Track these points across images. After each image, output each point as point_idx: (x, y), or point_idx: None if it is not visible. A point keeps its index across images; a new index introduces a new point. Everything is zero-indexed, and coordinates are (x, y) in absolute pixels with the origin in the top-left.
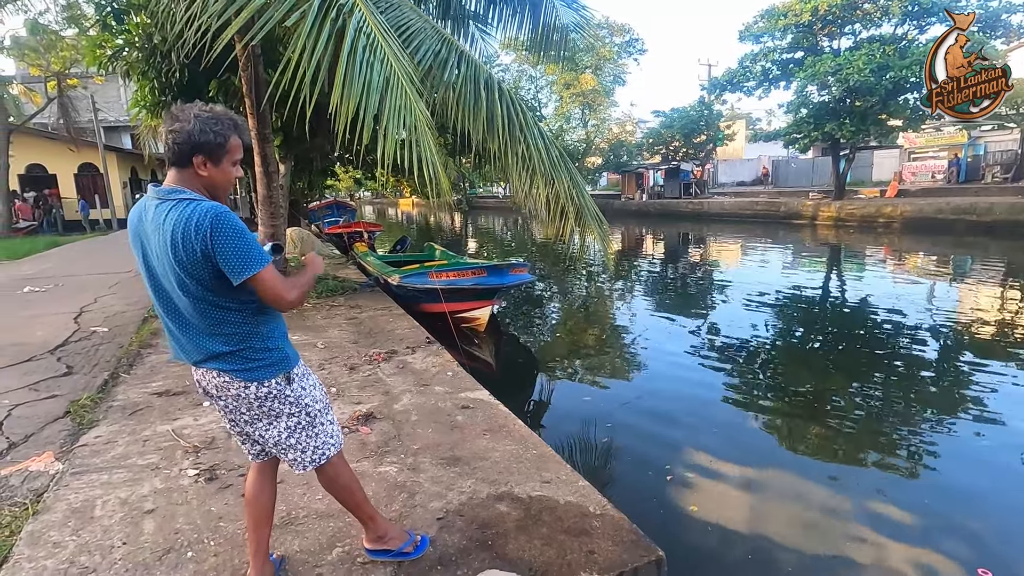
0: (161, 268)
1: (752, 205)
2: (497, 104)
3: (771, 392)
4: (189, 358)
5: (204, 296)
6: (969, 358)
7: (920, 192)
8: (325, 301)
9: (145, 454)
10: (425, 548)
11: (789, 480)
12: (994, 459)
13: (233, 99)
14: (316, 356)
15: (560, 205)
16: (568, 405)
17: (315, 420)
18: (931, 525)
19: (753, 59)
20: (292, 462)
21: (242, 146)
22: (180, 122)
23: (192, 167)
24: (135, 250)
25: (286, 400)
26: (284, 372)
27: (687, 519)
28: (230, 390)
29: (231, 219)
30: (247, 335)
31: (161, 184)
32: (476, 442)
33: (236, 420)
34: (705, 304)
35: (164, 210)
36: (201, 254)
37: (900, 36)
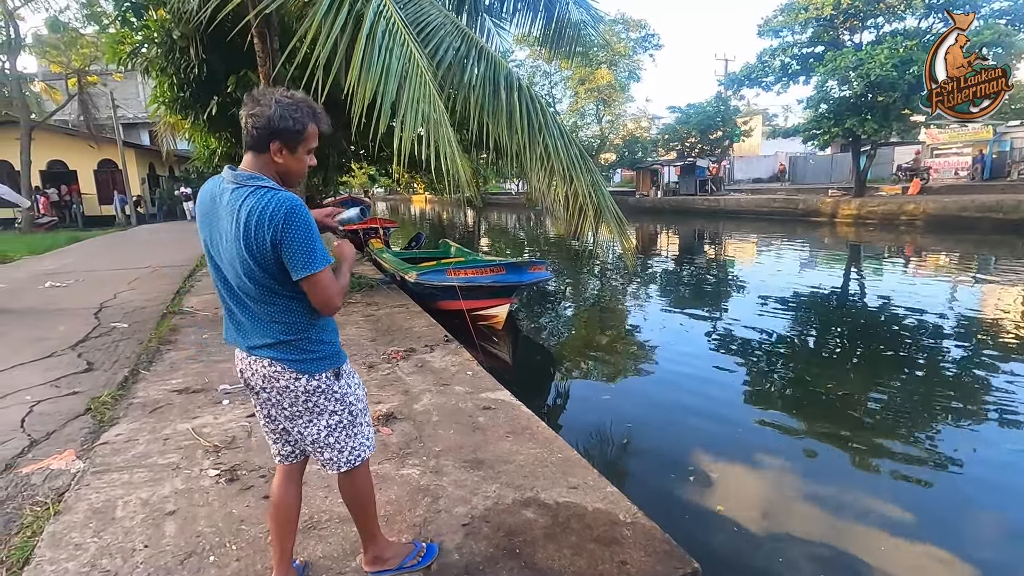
0: (229, 252)
1: (769, 202)
2: (516, 102)
3: (791, 392)
4: (244, 342)
5: (269, 284)
6: (993, 360)
7: (944, 189)
8: None
9: (166, 453)
10: (432, 557)
11: (813, 482)
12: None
13: None
14: None
15: (579, 203)
16: (586, 404)
17: (356, 420)
18: (954, 528)
19: (772, 54)
20: (327, 462)
21: (318, 134)
22: (261, 106)
23: (269, 153)
24: (202, 230)
25: (332, 396)
26: (335, 367)
27: (714, 523)
28: (279, 381)
29: (305, 214)
30: (305, 326)
31: (236, 168)
32: (499, 444)
33: (276, 416)
34: (722, 302)
35: (241, 196)
36: (271, 244)
37: (924, 30)
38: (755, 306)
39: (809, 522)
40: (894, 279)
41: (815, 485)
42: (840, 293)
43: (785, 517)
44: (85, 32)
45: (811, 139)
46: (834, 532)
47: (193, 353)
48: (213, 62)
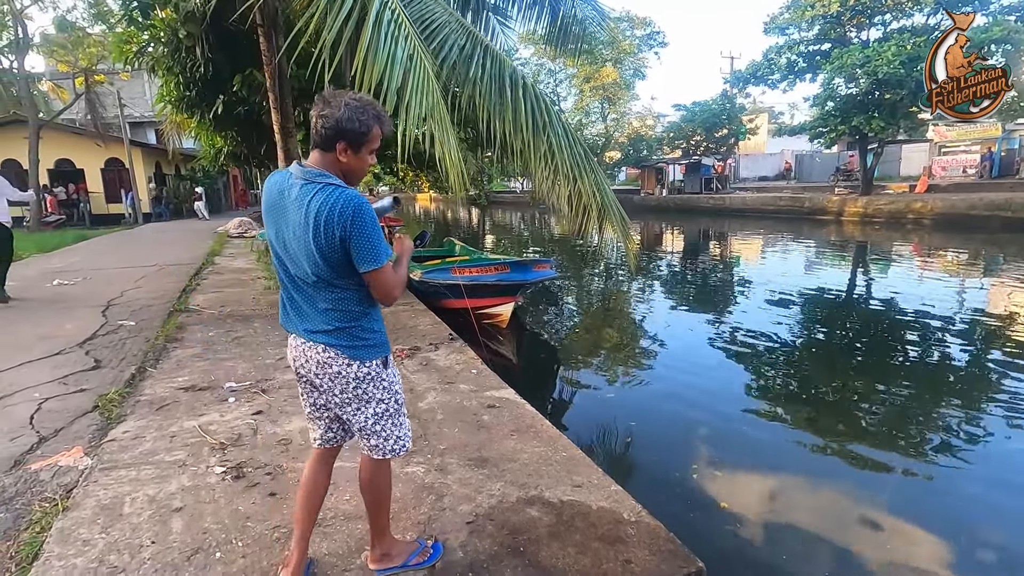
0: (296, 243)
1: (775, 200)
2: (521, 101)
3: (796, 391)
4: (302, 327)
5: (330, 276)
6: (1000, 359)
7: (951, 187)
8: None
9: (172, 450)
10: (437, 556)
11: (817, 479)
12: None
13: (256, 93)
14: None
15: (583, 203)
16: (591, 402)
17: (400, 409)
18: (958, 526)
19: (778, 51)
20: (373, 448)
21: (381, 136)
22: (331, 108)
23: (334, 152)
24: (268, 220)
25: (380, 384)
26: (383, 355)
27: (718, 521)
28: (332, 367)
29: (370, 212)
30: (359, 315)
31: (303, 164)
32: (504, 443)
33: (327, 402)
34: (727, 301)
35: (310, 191)
36: (339, 239)
37: (932, 26)
38: (761, 305)
39: (812, 519)
40: (900, 278)
41: (819, 483)
42: (846, 292)
43: (789, 515)
44: (92, 31)
45: (818, 137)
46: (838, 530)
47: (199, 351)
48: (219, 61)
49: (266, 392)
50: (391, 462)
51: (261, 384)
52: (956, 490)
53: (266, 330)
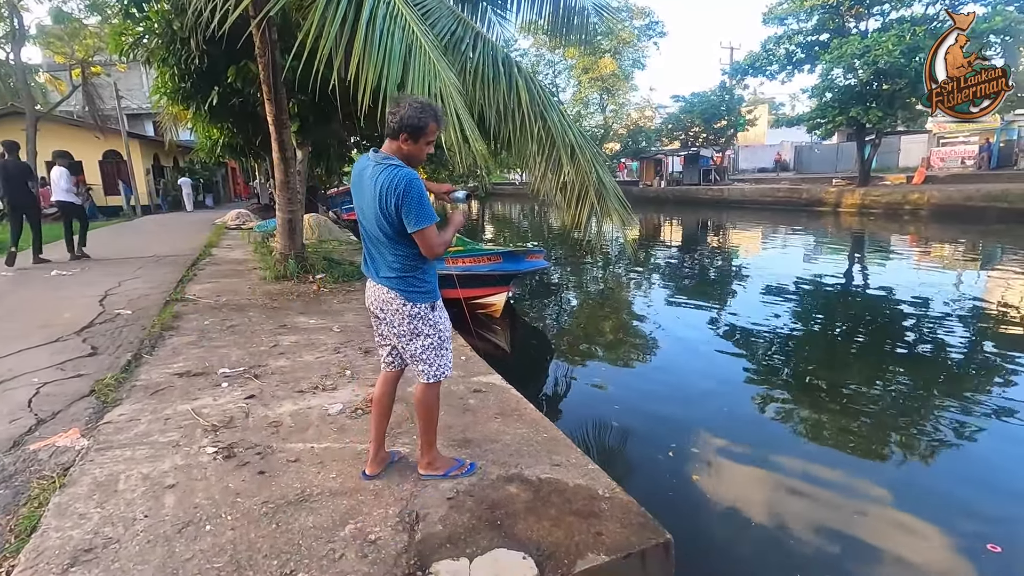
0: (369, 210)
1: (773, 192)
2: (516, 83)
3: (788, 379)
4: (375, 273)
5: (391, 236)
6: (995, 350)
7: (949, 178)
8: (342, 286)
9: (166, 432)
10: (474, 470)
11: (800, 464)
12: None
13: (251, 85)
14: (332, 340)
15: (581, 187)
16: (581, 389)
17: (443, 344)
18: (945, 507)
19: (777, 42)
20: (421, 372)
21: (437, 130)
22: (399, 108)
23: (399, 140)
24: (354, 193)
25: (428, 321)
26: (431, 301)
27: (695, 501)
28: (392, 305)
29: (419, 185)
30: (412, 268)
31: (379, 151)
32: (487, 425)
33: (388, 333)
34: (723, 292)
35: (379, 171)
36: (394, 207)
37: (931, 16)
38: (758, 296)
39: (790, 504)
40: (897, 269)
41: (802, 469)
42: (843, 283)
43: (767, 498)
44: (88, 22)
45: (816, 128)
46: (816, 512)
47: (194, 339)
48: (213, 53)
49: (259, 378)
50: (437, 387)
51: (254, 370)
52: (950, 477)
53: (260, 319)
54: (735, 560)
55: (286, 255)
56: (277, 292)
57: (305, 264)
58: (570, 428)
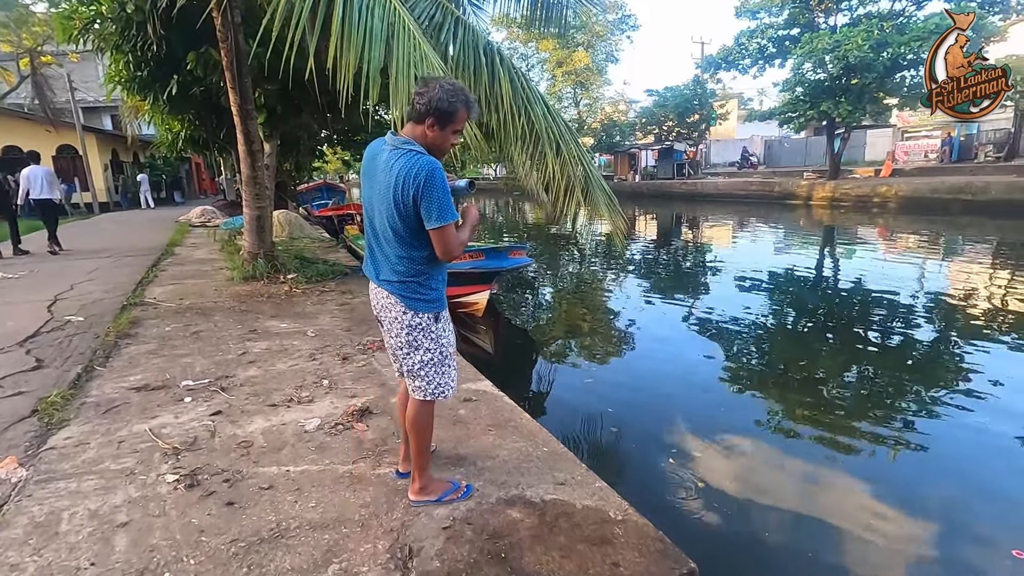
0: (380, 201)
1: (746, 185)
2: (499, 72)
3: (769, 372)
4: (376, 274)
5: (402, 232)
6: (961, 338)
7: (915, 171)
8: (315, 286)
9: (120, 457)
10: (471, 492)
11: (796, 461)
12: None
13: (213, 73)
14: (307, 345)
15: (566, 179)
16: (569, 390)
17: (444, 360)
18: (922, 499)
19: (749, 36)
20: (415, 389)
21: (466, 119)
22: (427, 88)
23: (423, 125)
24: (363, 181)
25: (429, 335)
26: (435, 311)
27: (706, 514)
28: (391, 312)
29: (441, 176)
30: (418, 272)
31: (396, 134)
32: (481, 439)
33: (390, 341)
34: (701, 286)
35: (395, 156)
36: (412, 198)
37: (898, 12)
38: (734, 289)
39: (794, 501)
40: (867, 260)
41: (798, 464)
42: (814, 275)
43: (767, 497)
44: (37, 9)
45: (787, 122)
46: (815, 509)
47: (154, 347)
48: (172, 38)
49: (226, 390)
50: (432, 405)
51: (221, 382)
52: (922, 462)
53: (228, 324)
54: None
55: (255, 254)
56: (246, 294)
57: (275, 263)
58: (565, 436)
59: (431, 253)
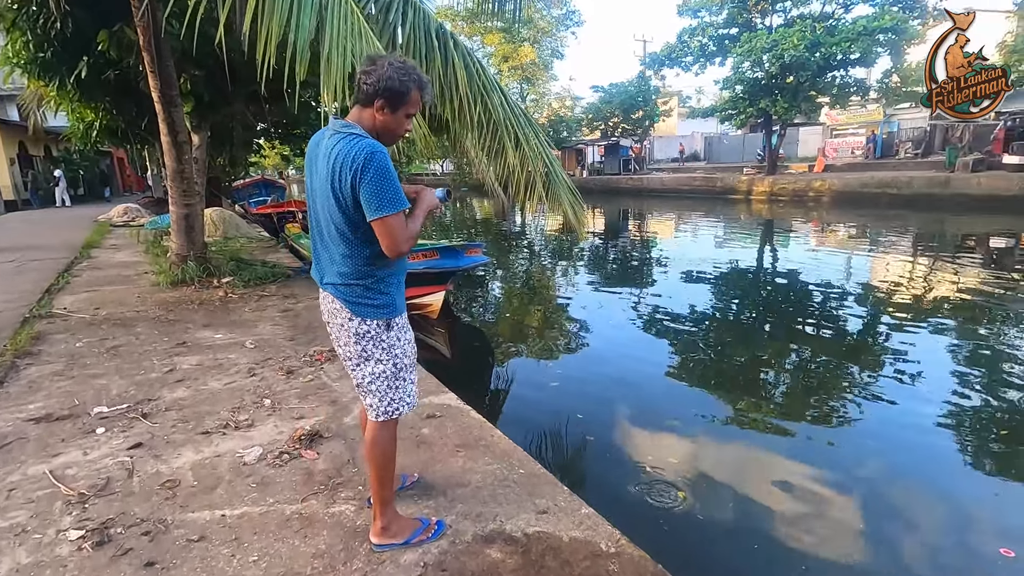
0: (319, 192)
1: (690, 181)
2: (453, 57)
3: (721, 362)
4: (320, 276)
5: (344, 227)
6: (885, 323)
7: (844, 167)
8: (253, 291)
9: (8, 511)
10: (442, 530)
11: (766, 455)
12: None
13: (128, 54)
14: (245, 358)
15: (528, 176)
16: (534, 395)
17: (399, 373)
18: (851, 480)
19: (691, 34)
20: (369, 408)
21: (420, 103)
22: (375, 66)
23: (372, 108)
24: (307, 173)
25: (380, 344)
26: (386, 317)
27: (696, 531)
28: (338, 318)
29: (383, 160)
30: (364, 273)
31: (339, 118)
32: (449, 462)
33: (339, 352)
34: (651, 279)
35: (335, 141)
36: (350, 186)
37: (828, 14)
38: (682, 282)
39: (773, 501)
40: (803, 252)
41: (769, 458)
42: (756, 267)
43: (751, 503)
44: None
45: (728, 119)
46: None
47: (61, 368)
48: (79, 15)
49: (148, 417)
50: (393, 427)
51: (142, 406)
52: (858, 442)
53: (153, 336)
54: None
55: (184, 256)
56: (174, 301)
57: (208, 266)
58: (538, 449)
59: (378, 251)
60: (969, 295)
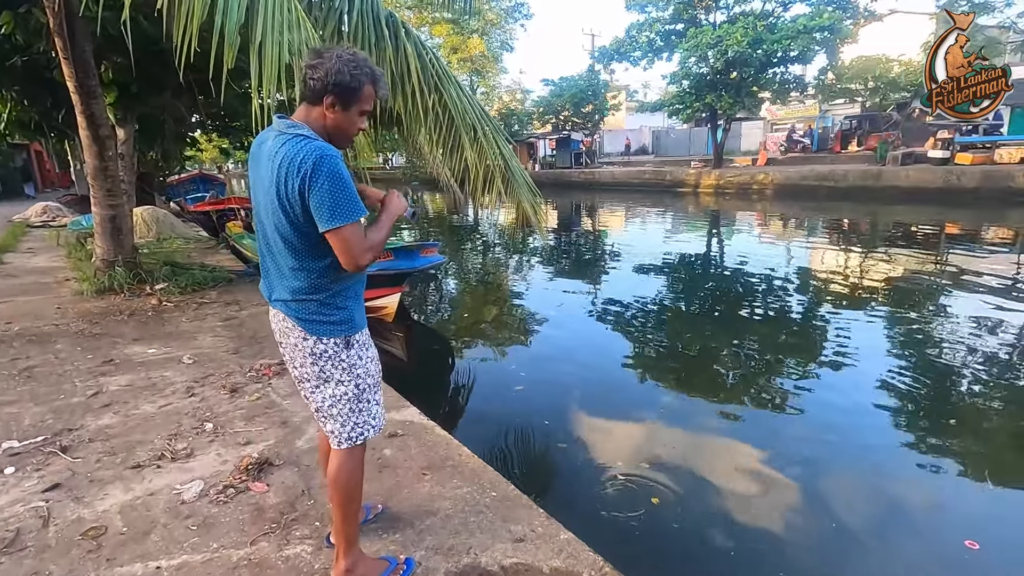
0: (263, 199)
1: (641, 174)
2: (405, 46)
3: (679, 356)
4: (268, 292)
5: (290, 236)
6: (826, 310)
7: (787, 160)
8: (191, 298)
9: None
10: (412, 569)
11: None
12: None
13: (38, 38)
14: (183, 376)
15: (486, 172)
16: (496, 399)
17: (362, 395)
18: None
19: (639, 29)
20: (329, 434)
21: (374, 99)
22: (322, 59)
23: (321, 106)
24: (250, 176)
25: (339, 365)
26: (345, 335)
27: (668, 541)
28: (291, 337)
29: (335, 164)
30: (318, 287)
31: (286, 117)
32: (416, 488)
33: (294, 373)
34: (605, 272)
35: (280, 143)
36: (298, 193)
37: (768, 12)
38: (634, 274)
39: (742, 500)
40: (748, 243)
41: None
42: (705, 259)
43: (715, 497)
44: None
45: (676, 113)
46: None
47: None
48: None
49: (68, 451)
50: (360, 455)
51: (61, 438)
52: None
53: (74, 353)
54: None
55: (110, 261)
56: (100, 312)
57: (139, 271)
58: (506, 464)
59: (333, 262)
60: (899, 281)
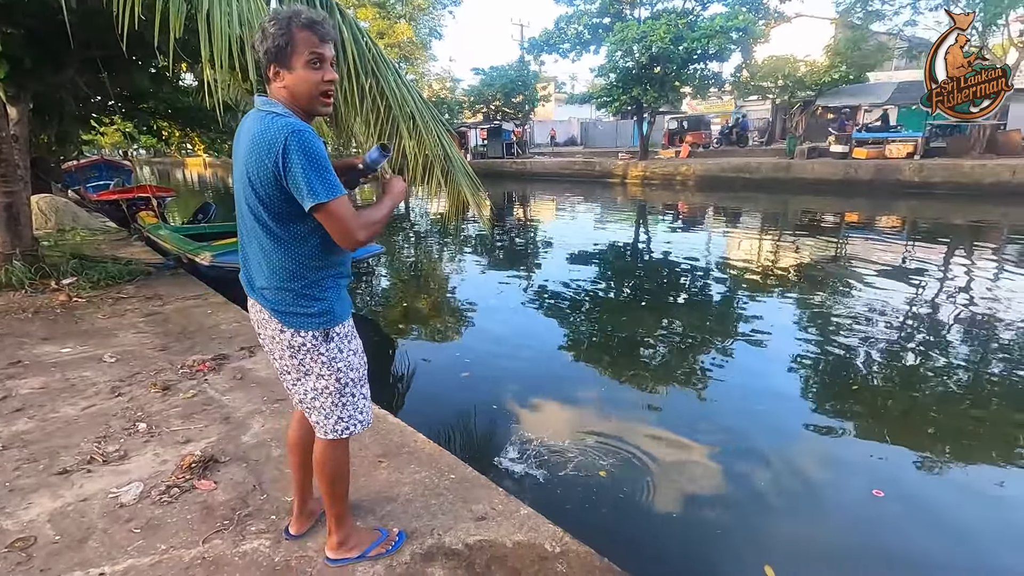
0: (239, 180)
1: (571, 165)
2: (342, 31)
3: (606, 338)
4: (249, 283)
5: (264, 220)
6: (743, 293)
7: (708, 153)
8: (106, 293)
9: None
10: (404, 541)
11: (674, 431)
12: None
13: None
14: (105, 376)
15: (425, 162)
16: (444, 387)
17: (345, 389)
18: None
19: (568, 21)
20: (315, 424)
21: (317, 42)
22: (257, 34)
23: (274, 80)
24: (233, 162)
25: (318, 358)
26: (324, 328)
27: (621, 509)
28: (268, 328)
29: (309, 140)
30: (293, 275)
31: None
32: (373, 475)
33: (275, 365)
34: (538, 260)
35: (254, 121)
36: (272, 173)
37: (688, 10)
38: (566, 262)
39: (678, 470)
40: (672, 232)
41: (664, 426)
42: (632, 246)
43: (654, 468)
44: None
45: (604, 106)
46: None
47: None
48: None
49: None
50: (344, 445)
51: None
52: (724, 400)
53: None
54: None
55: (7, 254)
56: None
57: (41, 266)
58: (461, 448)
59: (311, 249)
60: (806, 267)
